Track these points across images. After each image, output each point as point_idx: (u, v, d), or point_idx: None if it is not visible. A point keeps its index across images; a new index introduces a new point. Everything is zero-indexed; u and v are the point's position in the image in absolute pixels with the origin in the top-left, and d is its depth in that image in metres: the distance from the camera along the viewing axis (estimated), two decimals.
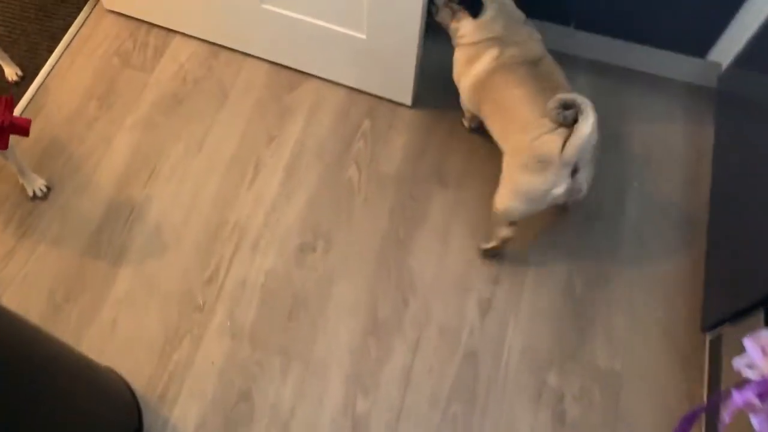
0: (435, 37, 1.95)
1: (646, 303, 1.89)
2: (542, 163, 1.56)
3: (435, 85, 2.17)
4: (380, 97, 2.21)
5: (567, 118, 1.51)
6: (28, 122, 1.76)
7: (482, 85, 1.76)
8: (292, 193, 2.05)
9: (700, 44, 2.10)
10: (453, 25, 1.81)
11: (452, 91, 1.94)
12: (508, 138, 1.71)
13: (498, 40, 1.72)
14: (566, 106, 1.51)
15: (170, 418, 1.72)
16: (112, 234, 1.96)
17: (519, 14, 1.78)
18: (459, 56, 1.84)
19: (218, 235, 1.97)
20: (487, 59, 1.71)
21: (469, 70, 1.77)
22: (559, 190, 1.59)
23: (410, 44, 1.93)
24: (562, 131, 1.52)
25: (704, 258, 1.93)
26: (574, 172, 1.57)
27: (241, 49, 2.28)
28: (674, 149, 2.14)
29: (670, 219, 2.03)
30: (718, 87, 2.16)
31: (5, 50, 2.22)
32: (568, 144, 1.50)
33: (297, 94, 2.23)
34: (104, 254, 1.93)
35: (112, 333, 1.82)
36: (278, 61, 2.26)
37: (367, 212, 2.02)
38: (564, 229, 2.01)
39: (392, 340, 1.83)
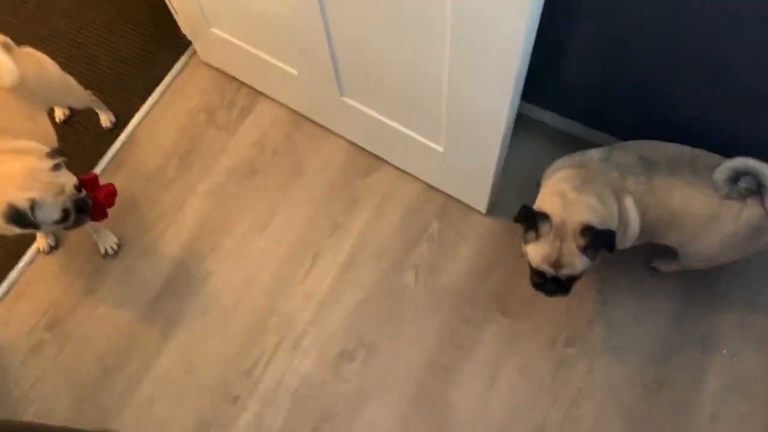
0: (523, 137, 1.77)
1: None
2: (757, 234, 1.53)
3: (515, 190, 2.01)
4: (455, 198, 2.08)
5: (740, 190, 1.48)
6: (113, 201, 1.85)
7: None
8: (344, 293, 1.99)
9: None
10: None
11: (532, 200, 1.72)
12: (699, 237, 1.60)
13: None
14: (736, 177, 1.46)
15: None
16: (167, 306, 2.00)
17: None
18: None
19: (264, 325, 1.96)
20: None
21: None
22: None
23: (488, 163, 1.78)
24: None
25: None
26: None
27: (323, 125, 2.22)
28: None
29: (756, 401, 1.76)
30: None
31: (105, 93, 2.31)
32: None
33: (371, 181, 2.14)
34: (155, 326, 1.98)
35: (149, 411, 1.87)
36: (359, 144, 2.18)
37: (416, 328, 1.92)
38: (628, 391, 1.80)
39: None
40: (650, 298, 1.91)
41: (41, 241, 2.08)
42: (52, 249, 2.10)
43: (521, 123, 1.99)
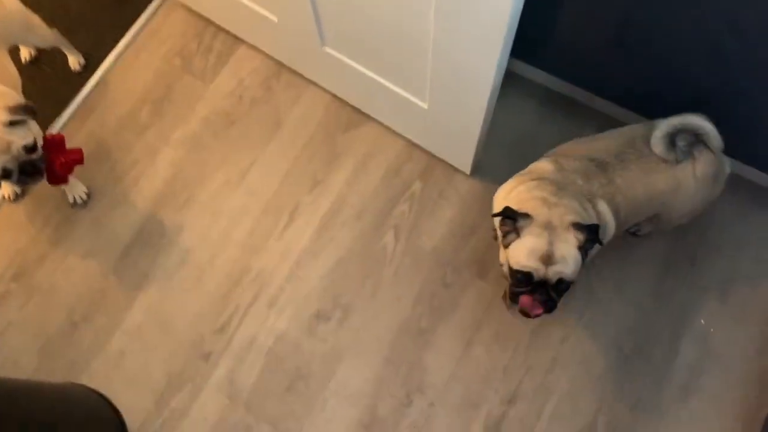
0: (511, 96, 1.75)
1: None
2: (717, 176, 1.56)
3: (501, 151, 1.96)
4: (438, 158, 2.02)
5: (682, 150, 1.49)
6: (70, 169, 1.78)
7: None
8: (322, 252, 1.94)
9: None
10: None
11: (518, 162, 1.67)
12: (671, 206, 1.61)
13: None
14: (671, 140, 1.48)
15: None
16: (138, 258, 1.95)
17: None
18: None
19: (239, 282, 1.92)
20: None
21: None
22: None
23: (474, 122, 1.71)
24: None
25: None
26: None
27: (304, 75, 2.12)
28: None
29: (730, 375, 1.77)
30: None
31: (74, 33, 2.17)
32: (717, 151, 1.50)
33: (353, 136, 2.07)
34: (126, 279, 1.92)
35: (119, 366, 1.84)
36: (341, 96, 2.09)
37: (394, 290, 1.89)
38: (602, 361, 1.80)
39: None
40: (630, 267, 1.88)
41: (6, 189, 1.99)
42: (18, 197, 2.01)
43: (509, 81, 1.91)
